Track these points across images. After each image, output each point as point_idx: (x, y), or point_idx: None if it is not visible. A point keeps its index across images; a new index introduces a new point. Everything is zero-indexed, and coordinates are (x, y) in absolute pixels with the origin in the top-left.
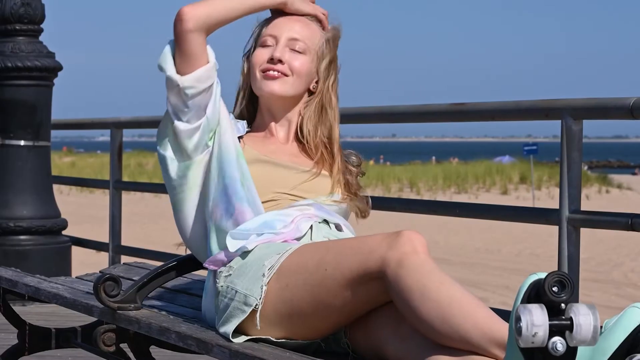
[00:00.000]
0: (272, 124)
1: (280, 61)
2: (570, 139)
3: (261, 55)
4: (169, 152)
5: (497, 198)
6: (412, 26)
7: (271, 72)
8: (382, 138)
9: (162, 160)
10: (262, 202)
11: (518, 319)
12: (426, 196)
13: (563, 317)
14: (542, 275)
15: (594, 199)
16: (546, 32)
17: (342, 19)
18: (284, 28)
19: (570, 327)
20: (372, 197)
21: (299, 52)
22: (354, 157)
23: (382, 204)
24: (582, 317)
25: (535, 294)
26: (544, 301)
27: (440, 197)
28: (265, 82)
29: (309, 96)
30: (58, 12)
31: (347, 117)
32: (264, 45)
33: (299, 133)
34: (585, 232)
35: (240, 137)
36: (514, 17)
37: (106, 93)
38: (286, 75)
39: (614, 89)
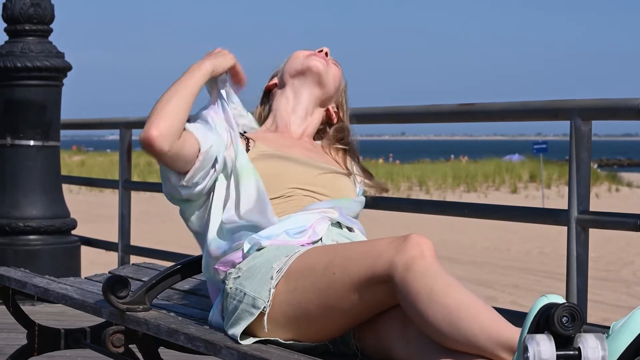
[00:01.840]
0: (290, 120)
1: (327, 54)
2: (579, 140)
3: (307, 51)
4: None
5: (506, 197)
6: (420, 27)
7: (319, 54)
8: (392, 136)
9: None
10: (276, 197)
11: (525, 349)
12: (436, 195)
13: (571, 347)
14: (553, 298)
15: (604, 197)
16: (554, 32)
17: (352, 19)
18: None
19: (578, 358)
20: (380, 198)
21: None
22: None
23: (391, 204)
24: (591, 350)
25: (545, 320)
26: (552, 330)
27: (450, 195)
28: (312, 59)
29: (326, 117)
30: (68, 12)
31: (357, 118)
32: (305, 50)
33: (316, 138)
34: (595, 231)
35: (247, 139)
36: (521, 17)
37: (116, 92)
38: (327, 62)
39: (622, 89)
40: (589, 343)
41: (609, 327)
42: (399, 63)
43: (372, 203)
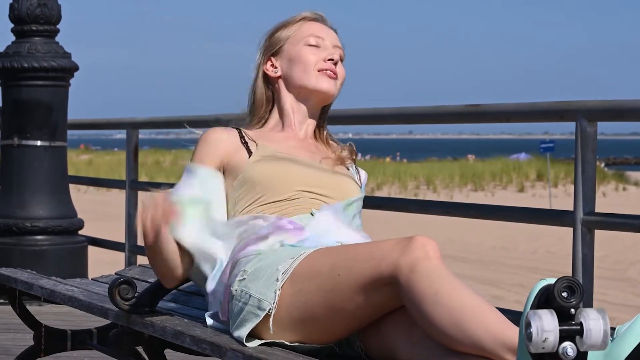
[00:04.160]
0: (295, 121)
1: (336, 63)
2: (585, 141)
3: (314, 54)
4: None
5: (513, 196)
6: (427, 27)
7: (329, 72)
8: (399, 135)
9: None
10: (282, 200)
11: (528, 325)
12: (443, 193)
13: (573, 322)
14: (552, 280)
15: (610, 196)
16: (561, 32)
17: (358, 19)
18: (325, 32)
19: (580, 332)
20: (387, 198)
21: (340, 60)
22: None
23: (397, 204)
24: (592, 321)
25: (545, 299)
26: (554, 307)
27: (457, 194)
28: (324, 80)
29: None
30: (76, 11)
31: (363, 118)
32: (309, 45)
33: (315, 134)
34: (601, 230)
35: (246, 141)
36: (528, 17)
37: (124, 91)
38: (337, 78)
39: (629, 90)
40: (590, 315)
41: (614, 328)
42: (405, 63)
43: (379, 204)
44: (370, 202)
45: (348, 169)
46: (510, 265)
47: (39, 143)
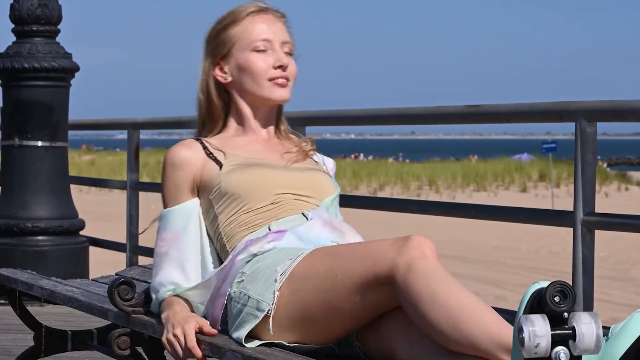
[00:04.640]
0: (256, 125)
1: (286, 68)
2: (585, 141)
3: (263, 62)
4: None
5: (516, 196)
6: (428, 27)
7: (281, 80)
8: (401, 135)
9: None
10: (266, 205)
11: (520, 330)
12: (445, 194)
13: (565, 327)
14: (545, 284)
15: (613, 196)
16: (562, 32)
17: (358, 19)
18: (272, 30)
19: (573, 337)
20: (388, 199)
21: (290, 55)
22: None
23: (397, 205)
24: (585, 326)
25: (538, 303)
26: (546, 311)
27: (460, 195)
28: (276, 90)
29: None
30: (76, 11)
31: (366, 119)
32: (258, 50)
33: (277, 132)
34: (601, 231)
35: (211, 152)
36: (529, 17)
37: (123, 92)
38: (289, 81)
39: (630, 90)
40: (582, 320)
41: (608, 327)
42: (405, 63)
43: (380, 204)
44: (371, 203)
45: (316, 162)
46: (512, 266)
47: (39, 143)
